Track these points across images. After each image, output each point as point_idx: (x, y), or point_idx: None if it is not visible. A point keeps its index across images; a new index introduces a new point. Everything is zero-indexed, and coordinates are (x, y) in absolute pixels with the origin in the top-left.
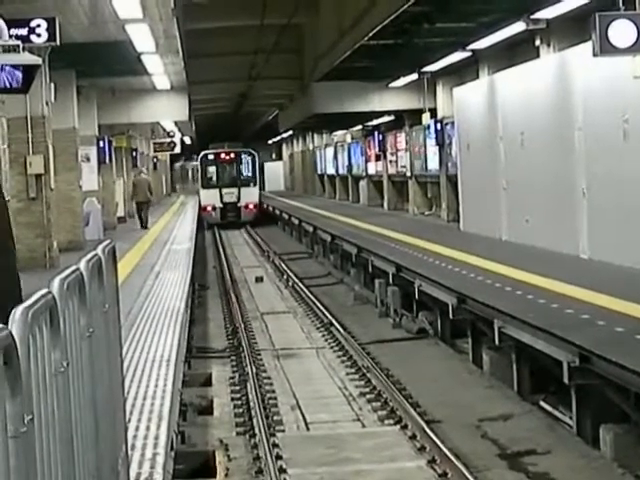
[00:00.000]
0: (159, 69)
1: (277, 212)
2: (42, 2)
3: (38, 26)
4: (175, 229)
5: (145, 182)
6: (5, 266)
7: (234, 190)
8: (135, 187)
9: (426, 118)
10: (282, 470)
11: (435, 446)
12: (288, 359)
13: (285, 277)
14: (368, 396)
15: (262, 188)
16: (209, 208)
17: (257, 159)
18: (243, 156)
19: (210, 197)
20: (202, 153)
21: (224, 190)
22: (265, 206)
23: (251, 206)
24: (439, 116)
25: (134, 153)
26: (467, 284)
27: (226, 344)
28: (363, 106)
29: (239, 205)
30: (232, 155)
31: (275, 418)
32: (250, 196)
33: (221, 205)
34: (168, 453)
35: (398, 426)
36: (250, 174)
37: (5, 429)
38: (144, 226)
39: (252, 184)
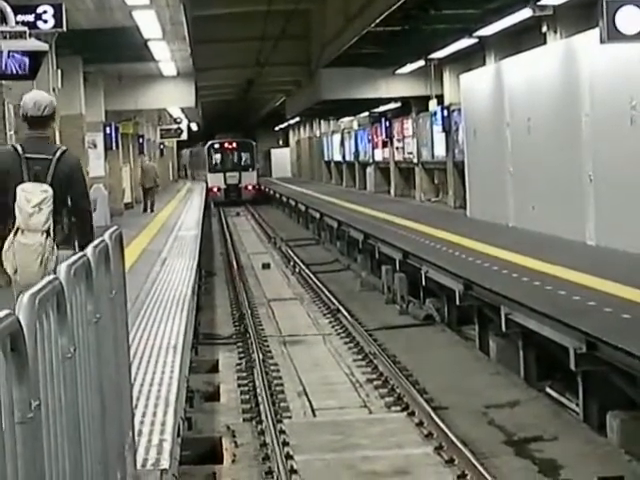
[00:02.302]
0: (166, 55)
1: (284, 199)
2: None
3: (45, 12)
4: (182, 215)
5: (152, 168)
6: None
7: (236, 174)
8: (143, 173)
9: (433, 105)
10: (289, 456)
11: (442, 433)
12: (295, 345)
13: (292, 264)
14: (375, 383)
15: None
16: (215, 189)
17: (255, 148)
18: (243, 145)
19: (216, 180)
20: (209, 143)
21: (227, 174)
22: (264, 188)
23: (250, 187)
24: (446, 103)
25: (141, 139)
26: (474, 271)
27: (233, 331)
28: (370, 93)
29: (240, 186)
30: (234, 144)
31: (282, 404)
32: (249, 179)
33: (225, 186)
34: (175, 439)
35: (405, 413)
36: (249, 161)
37: (12, 415)
38: (151, 210)
39: (251, 169)
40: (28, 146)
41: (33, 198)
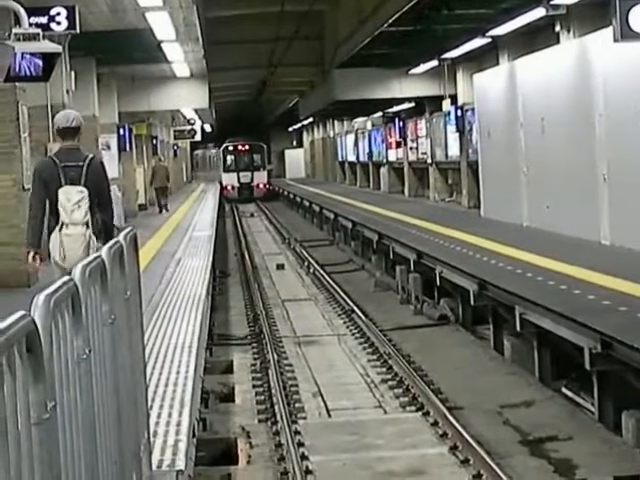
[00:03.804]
0: (179, 57)
1: (298, 199)
2: None
3: (58, 14)
4: (196, 216)
5: (164, 169)
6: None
7: (248, 173)
8: (154, 173)
9: (446, 105)
10: (304, 457)
11: (457, 433)
12: (309, 346)
13: (306, 264)
14: (390, 383)
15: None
16: (229, 187)
17: (265, 150)
18: (255, 147)
19: (230, 179)
20: (224, 145)
21: (241, 173)
22: (277, 188)
23: (261, 185)
24: (459, 103)
25: (154, 141)
26: (488, 270)
27: (247, 331)
28: (383, 93)
29: (252, 185)
30: (247, 147)
31: (297, 405)
32: (261, 178)
33: (238, 185)
34: (190, 440)
35: (420, 413)
36: (260, 161)
37: (28, 416)
38: (165, 209)
39: (262, 169)
40: (62, 156)
41: (72, 198)
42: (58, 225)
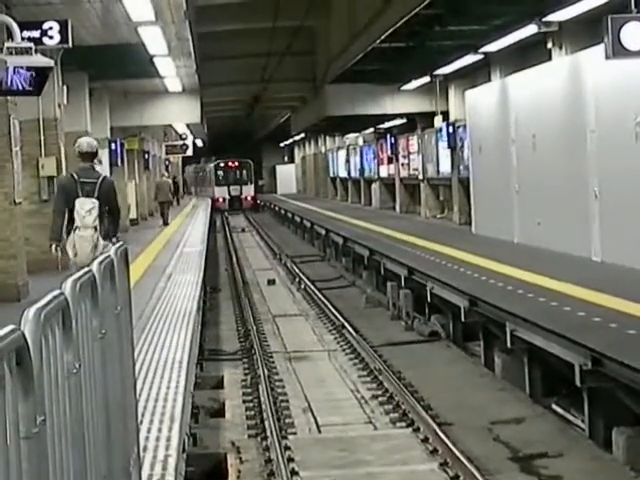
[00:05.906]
0: (171, 72)
1: (289, 215)
2: (54, 5)
3: (50, 28)
4: (187, 231)
5: (166, 184)
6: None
7: (237, 187)
8: (158, 188)
9: (438, 121)
10: (294, 473)
11: (447, 449)
12: (300, 362)
13: (297, 280)
14: (380, 399)
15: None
16: (220, 199)
17: (252, 166)
18: (243, 164)
19: (221, 191)
20: (215, 162)
21: (231, 187)
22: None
23: (249, 198)
24: (451, 119)
25: (146, 155)
26: (479, 287)
27: (238, 347)
28: (375, 109)
29: (241, 197)
30: (236, 164)
31: (287, 420)
32: (248, 191)
33: (229, 197)
34: (180, 455)
35: (410, 429)
36: (247, 177)
37: (17, 430)
38: (165, 223)
39: (249, 183)
40: (80, 173)
41: (85, 206)
42: (73, 228)
